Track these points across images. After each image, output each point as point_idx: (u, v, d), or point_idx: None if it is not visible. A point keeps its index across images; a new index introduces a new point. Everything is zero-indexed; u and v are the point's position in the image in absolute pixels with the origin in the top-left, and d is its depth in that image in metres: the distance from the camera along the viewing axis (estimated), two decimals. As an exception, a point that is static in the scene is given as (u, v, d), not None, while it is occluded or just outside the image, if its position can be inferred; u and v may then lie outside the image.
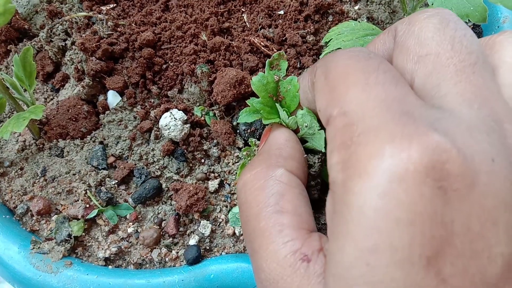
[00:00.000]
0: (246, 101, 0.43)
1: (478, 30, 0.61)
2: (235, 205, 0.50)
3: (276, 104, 0.42)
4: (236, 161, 0.51)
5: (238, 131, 0.51)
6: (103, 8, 0.57)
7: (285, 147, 0.38)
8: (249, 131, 0.49)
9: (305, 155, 0.40)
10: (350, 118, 0.26)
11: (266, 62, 0.43)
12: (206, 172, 0.51)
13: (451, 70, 0.28)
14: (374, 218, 0.23)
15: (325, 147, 0.37)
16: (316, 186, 0.44)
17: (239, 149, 0.51)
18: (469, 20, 0.43)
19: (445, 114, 0.26)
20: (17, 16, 0.59)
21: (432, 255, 0.22)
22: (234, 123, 0.51)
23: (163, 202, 0.50)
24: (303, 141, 0.41)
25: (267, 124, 0.43)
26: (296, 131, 0.41)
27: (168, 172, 0.51)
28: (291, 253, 0.30)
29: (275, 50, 0.53)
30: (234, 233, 0.49)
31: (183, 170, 0.51)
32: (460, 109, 0.26)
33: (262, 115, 0.42)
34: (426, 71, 0.29)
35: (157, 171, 0.51)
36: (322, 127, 0.38)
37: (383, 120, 0.25)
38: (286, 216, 0.32)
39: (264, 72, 0.43)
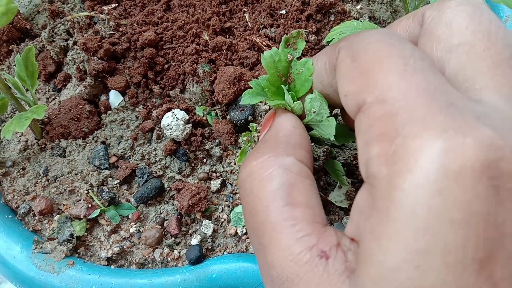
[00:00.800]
0: (249, 83, 0.40)
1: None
2: (237, 204, 0.50)
3: (283, 86, 0.39)
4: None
5: (233, 122, 0.51)
6: (105, 8, 0.57)
7: (293, 135, 0.35)
8: (243, 120, 0.49)
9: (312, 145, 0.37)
10: (391, 106, 0.24)
11: (283, 38, 0.39)
12: (208, 171, 0.51)
13: (487, 63, 0.26)
14: (427, 218, 0.22)
15: (335, 136, 0.36)
16: (318, 179, 0.43)
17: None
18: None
19: (487, 109, 0.24)
20: (19, 16, 0.59)
21: (484, 258, 0.21)
22: (228, 117, 0.51)
23: (165, 202, 0.50)
24: (308, 128, 0.39)
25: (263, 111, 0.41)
26: (301, 117, 0.39)
27: (170, 172, 0.51)
28: (307, 249, 0.27)
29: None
30: (236, 233, 0.49)
31: (185, 169, 0.51)
32: (502, 104, 0.25)
33: (267, 96, 0.39)
34: (459, 62, 0.27)
35: (159, 171, 0.51)
36: (331, 115, 0.36)
37: (430, 110, 0.23)
38: (299, 209, 0.29)
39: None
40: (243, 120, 0.49)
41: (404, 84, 0.24)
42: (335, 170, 0.44)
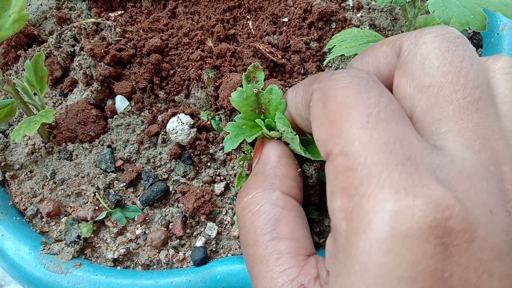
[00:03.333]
0: (224, 129, 0.43)
1: (478, 37, 0.62)
2: (240, 207, 0.51)
3: (257, 120, 0.42)
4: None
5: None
6: (111, 14, 0.58)
7: (279, 165, 0.38)
8: None
9: (300, 169, 0.40)
10: (352, 161, 0.25)
11: (243, 76, 0.43)
12: (212, 175, 0.52)
13: (454, 107, 0.27)
14: (378, 275, 0.23)
15: (305, 151, 0.39)
16: (315, 192, 0.44)
17: (244, 153, 0.52)
18: (469, 27, 0.44)
19: (446, 159, 0.25)
20: (27, 22, 0.61)
21: None
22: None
23: (170, 205, 0.51)
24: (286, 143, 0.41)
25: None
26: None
27: (175, 175, 0.52)
28: (289, 282, 0.30)
29: (280, 56, 0.55)
30: (239, 235, 0.50)
31: (189, 173, 0.52)
32: (461, 153, 0.26)
33: (247, 132, 0.42)
34: (428, 104, 0.28)
35: (165, 174, 0.52)
36: (297, 133, 0.38)
37: (386, 167, 0.24)
38: (283, 243, 0.32)
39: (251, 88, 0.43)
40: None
41: (365, 138, 0.25)
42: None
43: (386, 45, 0.33)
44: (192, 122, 0.51)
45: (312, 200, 0.45)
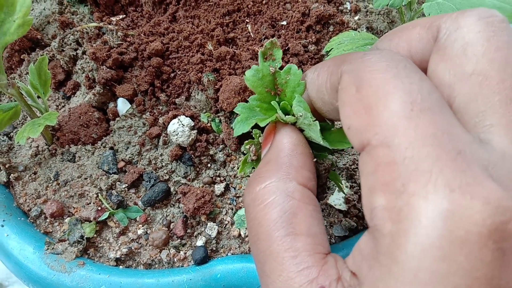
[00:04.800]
0: (234, 110, 0.39)
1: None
2: (240, 207, 0.52)
3: (272, 102, 0.38)
4: (241, 165, 0.53)
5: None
6: (113, 19, 0.60)
7: (295, 154, 0.34)
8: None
9: (315, 160, 0.37)
10: (396, 154, 0.23)
11: (259, 52, 0.38)
12: (212, 176, 0.53)
13: (500, 97, 0.25)
14: (429, 283, 0.21)
15: (332, 142, 0.36)
16: (322, 191, 0.43)
17: (244, 154, 0.53)
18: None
19: (495, 155, 0.23)
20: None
21: None
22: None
23: (172, 205, 0.52)
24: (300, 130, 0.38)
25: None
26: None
27: (176, 176, 0.53)
28: (308, 283, 0.27)
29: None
30: (239, 235, 0.51)
31: (190, 174, 0.53)
32: (510, 149, 0.24)
33: (259, 115, 0.38)
34: (471, 93, 0.26)
35: (166, 175, 0.53)
36: (316, 119, 0.35)
37: (436, 163, 0.22)
38: (300, 239, 0.29)
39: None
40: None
41: (410, 128, 0.23)
42: (335, 180, 0.45)
43: (420, 27, 0.30)
44: (193, 124, 0.52)
45: (318, 199, 0.44)
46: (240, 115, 0.38)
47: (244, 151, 0.43)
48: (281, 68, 0.38)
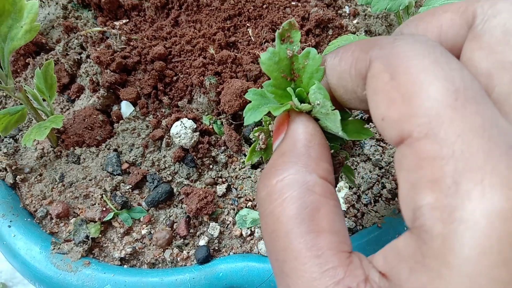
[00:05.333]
0: (245, 96, 0.37)
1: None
2: (241, 208, 0.53)
3: (288, 88, 0.35)
4: (242, 166, 0.54)
5: (244, 137, 0.55)
6: (117, 23, 0.61)
7: (313, 145, 0.31)
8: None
9: (332, 151, 0.34)
10: (445, 148, 0.21)
11: (276, 34, 0.34)
12: (214, 177, 0.54)
13: None
14: None
15: (348, 132, 0.34)
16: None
17: (245, 155, 0.55)
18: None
19: None
20: (35, 31, 0.63)
21: None
22: (242, 133, 0.55)
23: (175, 206, 0.53)
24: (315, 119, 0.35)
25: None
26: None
27: (179, 177, 0.54)
28: (333, 284, 0.25)
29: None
30: (241, 234, 0.52)
31: (193, 175, 0.54)
32: None
33: (273, 102, 0.35)
34: None
35: (169, 177, 0.54)
36: (335, 108, 0.32)
37: (489, 158, 0.20)
38: (323, 237, 0.27)
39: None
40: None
41: (457, 119, 0.21)
42: (348, 173, 0.44)
43: (452, 12, 0.28)
44: (195, 126, 0.53)
45: None
46: (251, 102, 0.35)
47: (253, 138, 0.38)
48: (298, 52, 0.35)
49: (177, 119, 0.54)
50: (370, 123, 0.57)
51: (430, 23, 0.29)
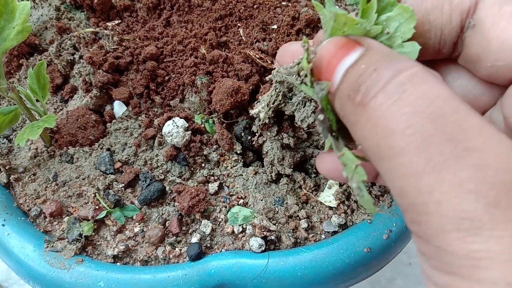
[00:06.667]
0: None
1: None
2: (233, 205, 0.54)
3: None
4: (234, 165, 0.55)
5: (235, 136, 0.55)
6: (109, 24, 0.61)
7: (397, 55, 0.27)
8: (247, 133, 0.53)
9: None
10: None
11: None
12: (206, 175, 0.55)
13: None
14: None
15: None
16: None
17: (237, 154, 0.55)
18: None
19: None
20: (28, 32, 0.64)
21: None
22: (233, 132, 0.55)
23: (167, 204, 0.54)
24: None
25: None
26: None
27: (171, 176, 0.55)
28: None
29: (269, 62, 0.58)
30: (233, 232, 0.53)
31: (185, 173, 0.55)
32: None
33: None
34: None
35: (161, 175, 0.54)
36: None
37: None
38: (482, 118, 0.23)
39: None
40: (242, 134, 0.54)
41: None
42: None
43: None
44: (187, 125, 0.54)
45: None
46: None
47: (305, 44, 0.29)
48: None
49: (169, 118, 0.55)
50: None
51: None
